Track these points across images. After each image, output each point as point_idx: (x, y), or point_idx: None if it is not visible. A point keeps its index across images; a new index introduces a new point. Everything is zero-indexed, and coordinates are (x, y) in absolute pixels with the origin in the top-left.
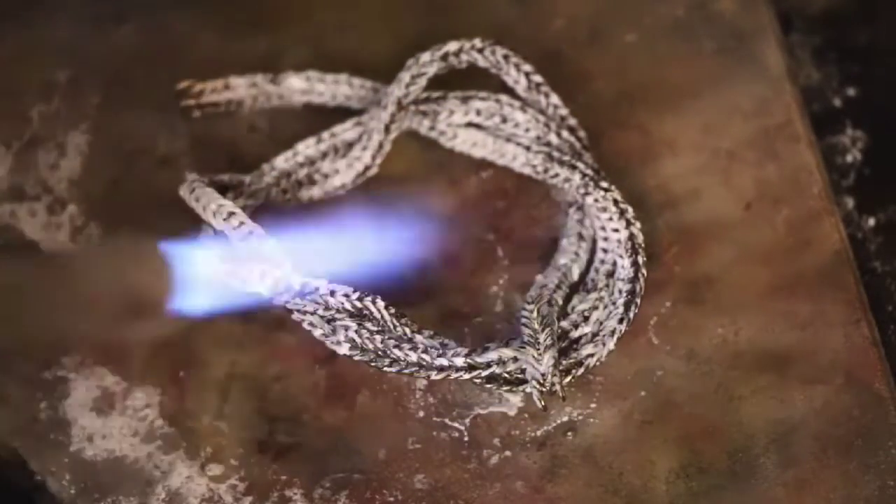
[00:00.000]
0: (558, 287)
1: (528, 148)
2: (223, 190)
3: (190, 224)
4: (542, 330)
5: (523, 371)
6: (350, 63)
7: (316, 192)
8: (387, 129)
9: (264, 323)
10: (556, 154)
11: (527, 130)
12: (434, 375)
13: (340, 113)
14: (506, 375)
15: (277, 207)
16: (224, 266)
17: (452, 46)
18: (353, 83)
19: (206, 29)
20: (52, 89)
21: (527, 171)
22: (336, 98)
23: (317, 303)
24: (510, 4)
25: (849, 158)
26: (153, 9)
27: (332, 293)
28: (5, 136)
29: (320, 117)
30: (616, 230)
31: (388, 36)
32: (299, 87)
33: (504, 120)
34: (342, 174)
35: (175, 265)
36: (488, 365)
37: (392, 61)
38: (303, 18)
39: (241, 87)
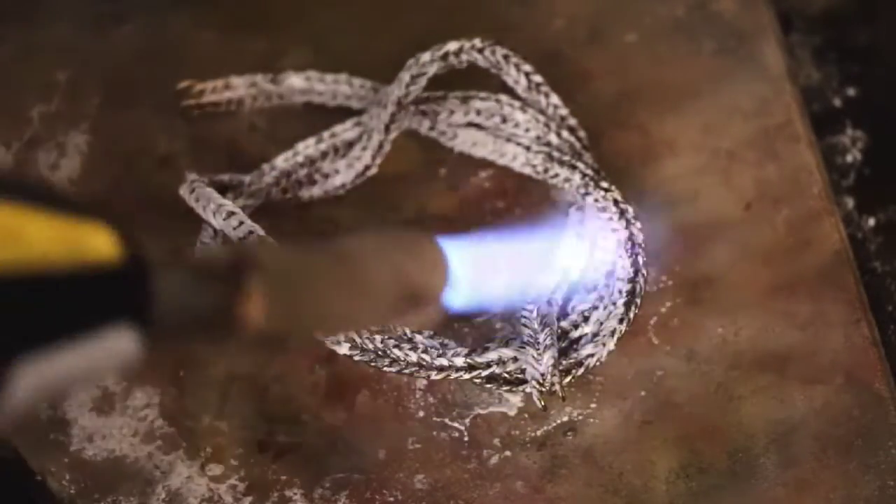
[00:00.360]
0: (558, 287)
1: (528, 148)
2: (223, 190)
3: (190, 224)
4: (542, 330)
5: (523, 371)
6: (350, 63)
7: (316, 191)
8: (387, 129)
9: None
10: (556, 154)
11: (527, 130)
12: (434, 375)
13: (340, 113)
14: (506, 375)
15: (277, 207)
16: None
17: (452, 46)
18: (353, 83)
19: (206, 29)
20: (52, 89)
21: (527, 171)
22: (336, 98)
23: None
24: (510, 4)
25: (849, 158)
26: (153, 9)
27: None
28: (5, 136)
29: (320, 117)
30: (616, 230)
31: (388, 36)
32: (299, 86)
33: (504, 120)
34: (342, 174)
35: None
36: (488, 365)
37: (392, 61)
38: (303, 18)
39: (241, 87)
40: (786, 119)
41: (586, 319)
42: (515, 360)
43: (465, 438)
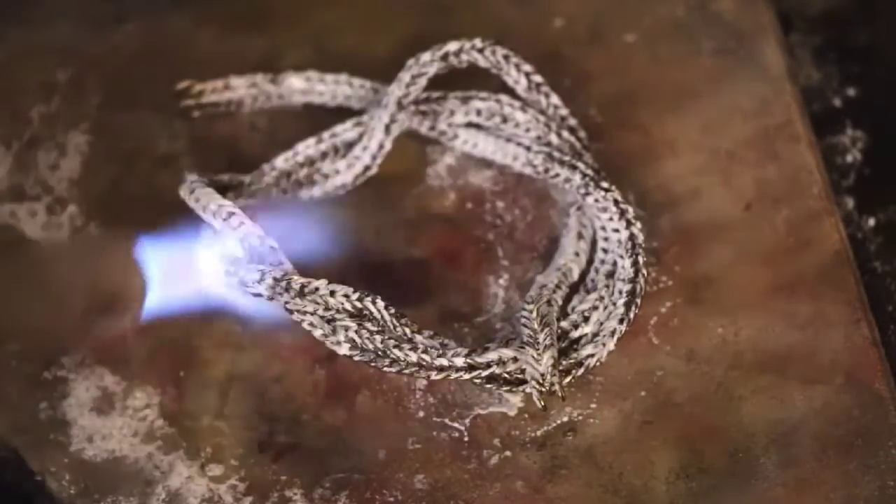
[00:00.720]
0: (558, 287)
1: (528, 148)
2: (223, 190)
3: (190, 224)
4: (542, 330)
5: (523, 371)
6: (350, 63)
7: (316, 191)
8: (387, 130)
9: (264, 323)
10: (556, 154)
11: (527, 130)
12: (434, 375)
13: (340, 113)
14: (506, 375)
15: (278, 207)
16: (224, 266)
17: (453, 46)
18: (353, 83)
19: (206, 29)
20: (52, 89)
21: (527, 170)
22: (336, 98)
23: (317, 303)
24: (510, 4)
25: (849, 158)
26: (153, 9)
27: (333, 293)
28: (5, 136)
29: (320, 117)
30: (616, 230)
31: (388, 36)
32: (299, 87)
33: (504, 120)
34: (342, 174)
35: (151, 261)
36: (488, 365)
37: (392, 61)
38: (303, 18)
39: (241, 87)
40: (786, 119)
41: (586, 320)
42: (515, 360)
43: (466, 438)
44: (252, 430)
